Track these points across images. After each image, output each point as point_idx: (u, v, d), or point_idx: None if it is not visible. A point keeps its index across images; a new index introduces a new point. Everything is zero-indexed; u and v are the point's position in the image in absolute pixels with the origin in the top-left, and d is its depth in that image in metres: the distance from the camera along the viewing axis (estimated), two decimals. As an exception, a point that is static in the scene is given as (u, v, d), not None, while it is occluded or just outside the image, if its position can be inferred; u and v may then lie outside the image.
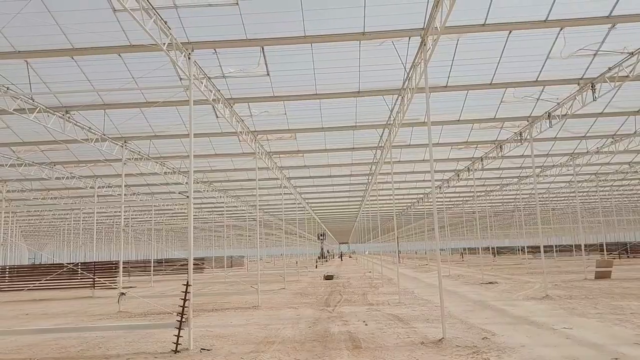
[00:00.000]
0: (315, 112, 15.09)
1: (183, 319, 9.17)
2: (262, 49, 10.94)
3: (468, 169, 24.07)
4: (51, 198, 28.89)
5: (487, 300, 15.40)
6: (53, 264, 28.12)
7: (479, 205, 41.30)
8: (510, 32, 10.57)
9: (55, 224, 49.58)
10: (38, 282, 24.18)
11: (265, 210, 42.85)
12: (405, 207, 46.10)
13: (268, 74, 12.15)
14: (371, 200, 34.51)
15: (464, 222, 48.81)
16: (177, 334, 9.01)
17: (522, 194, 35.66)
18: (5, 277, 25.14)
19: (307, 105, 14.57)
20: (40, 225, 49.57)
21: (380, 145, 18.82)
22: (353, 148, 19.57)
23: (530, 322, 10.84)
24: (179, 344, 8.95)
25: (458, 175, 26.16)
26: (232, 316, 13.58)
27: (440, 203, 37.58)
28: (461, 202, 42.19)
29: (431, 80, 11.98)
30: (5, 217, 33.87)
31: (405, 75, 12.07)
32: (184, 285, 9.44)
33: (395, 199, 36.78)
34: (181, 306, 9.31)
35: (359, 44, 10.89)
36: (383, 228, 67.55)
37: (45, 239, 71.03)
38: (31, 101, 12.71)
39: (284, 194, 27.64)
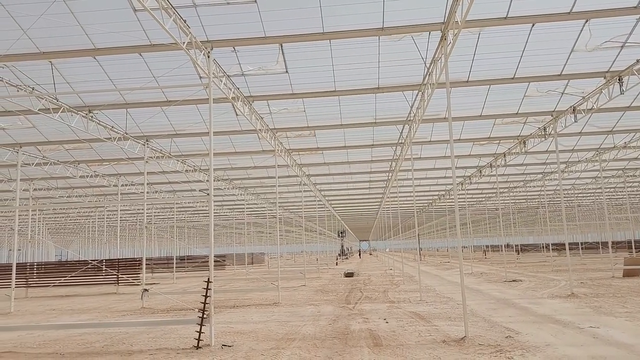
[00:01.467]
0: (335, 108, 15.03)
1: (204, 316, 9.25)
2: (281, 46, 10.94)
3: (490, 165, 23.70)
4: (76, 196, 29.50)
5: (510, 298, 15.15)
6: (78, 261, 28.71)
7: (502, 201, 40.67)
8: (534, 24, 10.34)
9: (80, 222, 50.66)
10: (64, 278, 24.72)
11: (285, 208, 42.99)
12: (426, 204, 45.71)
13: (287, 71, 12.15)
14: (391, 197, 34.30)
15: (487, 219, 48.14)
16: (198, 330, 9.09)
17: (547, 190, 34.99)
18: (34, 273, 25.77)
19: (326, 102, 14.53)
20: (66, 223, 50.72)
21: (400, 141, 18.66)
22: (373, 145, 19.45)
23: (556, 320, 10.61)
24: (201, 340, 9.03)
25: (480, 172, 25.79)
26: (253, 313, 13.65)
27: (462, 200, 37.14)
28: (484, 199, 41.62)
29: (452, 75, 11.81)
30: (32, 215, 34.72)
31: (426, 71, 11.91)
32: (205, 282, 9.51)
33: (416, 196, 36.49)
34: (203, 303, 9.39)
35: (378, 40, 10.80)
36: (404, 225, 67.10)
37: (71, 237, 72.66)
38: (55, 101, 12.96)
39: (304, 191, 27.67)
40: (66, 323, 12.76)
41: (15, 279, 17.64)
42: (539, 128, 17.18)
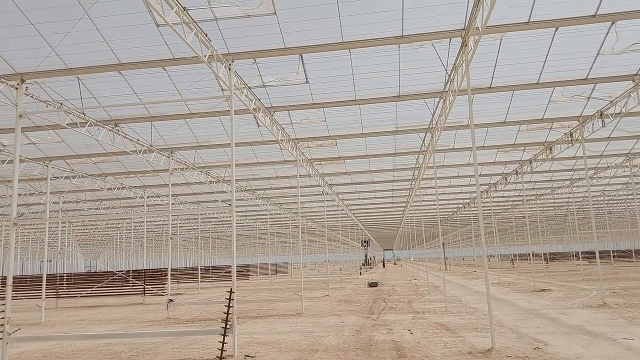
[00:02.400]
0: (355, 117, 15.01)
1: (227, 326, 9.27)
2: (301, 56, 11.00)
3: (516, 172, 23.28)
4: (103, 208, 30.14)
5: (539, 308, 14.77)
6: (106, 272, 29.25)
7: (529, 209, 39.85)
8: (557, 28, 10.14)
9: (108, 233, 51.68)
10: (92, 289, 25.21)
11: (308, 217, 43.00)
12: (450, 213, 45.11)
13: (307, 82, 12.20)
14: (415, 205, 33.99)
15: (514, 227, 47.20)
16: (221, 341, 9.11)
17: (575, 197, 34.13)
18: (63, 284, 26.36)
19: (346, 111, 14.52)
20: (95, 234, 51.81)
21: (422, 149, 18.50)
22: (395, 153, 19.33)
23: (587, 331, 10.28)
24: (224, 351, 9.04)
25: (506, 179, 25.35)
26: (276, 323, 13.63)
27: (488, 208, 36.52)
28: (510, 207, 40.87)
29: (474, 81, 11.69)
30: (62, 227, 35.58)
31: (447, 77, 11.80)
32: (228, 292, 9.55)
33: (440, 204, 36.06)
34: (225, 313, 9.42)
35: (398, 48, 10.76)
36: (428, 234, 66.31)
37: (99, 248, 74.16)
38: (83, 115, 13.31)
39: (326, 200, 27.65)
40: (94, 333, 12.98)
41: (46, 289, 18.04)
42: (566, 134, 16.80)
